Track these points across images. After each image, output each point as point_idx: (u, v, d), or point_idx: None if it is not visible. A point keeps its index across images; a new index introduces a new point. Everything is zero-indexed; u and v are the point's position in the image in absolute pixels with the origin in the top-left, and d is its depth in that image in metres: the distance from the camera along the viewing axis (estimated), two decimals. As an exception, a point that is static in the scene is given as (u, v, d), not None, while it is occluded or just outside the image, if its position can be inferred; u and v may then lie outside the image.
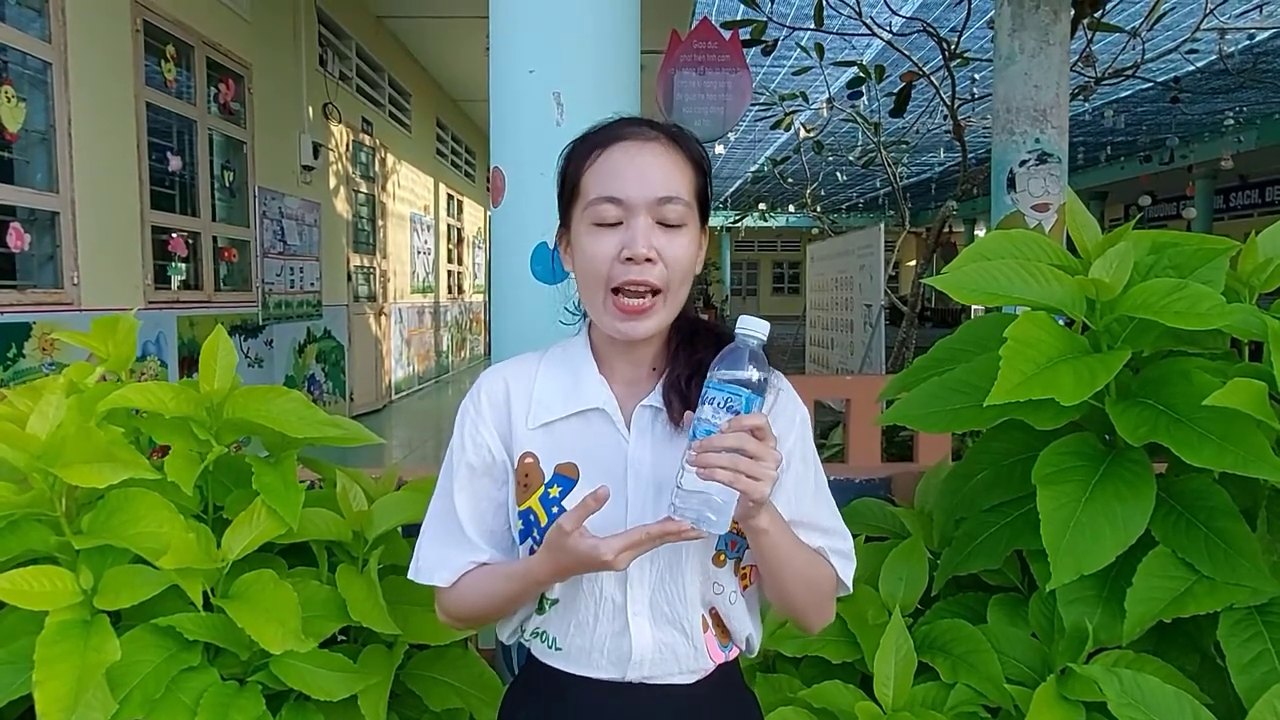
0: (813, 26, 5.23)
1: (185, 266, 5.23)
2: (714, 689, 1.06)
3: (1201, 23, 6.00)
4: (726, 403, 0.88)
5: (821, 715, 1.49)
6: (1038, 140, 3.17)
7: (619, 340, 1.03)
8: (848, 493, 1.99)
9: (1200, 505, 1.38)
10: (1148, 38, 5.75)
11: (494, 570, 1.05)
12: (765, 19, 5.17)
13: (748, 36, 5.09)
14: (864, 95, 7.88)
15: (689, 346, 1.06)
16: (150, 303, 4.70)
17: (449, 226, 12.00)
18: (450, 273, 12.08)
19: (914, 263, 14.95)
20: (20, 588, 1.19)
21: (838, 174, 16.56)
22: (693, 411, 0.93)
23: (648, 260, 0.97)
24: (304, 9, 6.72)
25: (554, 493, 1.01)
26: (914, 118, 7.94)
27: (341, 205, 7.66)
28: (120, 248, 4.49)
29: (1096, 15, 4.50)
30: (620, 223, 0.98)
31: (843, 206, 27.14)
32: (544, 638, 1.06)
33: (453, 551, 1.06)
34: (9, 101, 3.70)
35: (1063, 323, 1.42)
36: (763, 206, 22.07)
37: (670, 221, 0.99)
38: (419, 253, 10.23)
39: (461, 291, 12.78)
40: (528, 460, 1.03)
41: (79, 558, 1.27)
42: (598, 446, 1.02)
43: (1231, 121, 13.78)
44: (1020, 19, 3.15)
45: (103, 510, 1.29)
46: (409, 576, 1.09)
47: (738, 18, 5.25)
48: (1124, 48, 6.25)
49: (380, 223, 8.65)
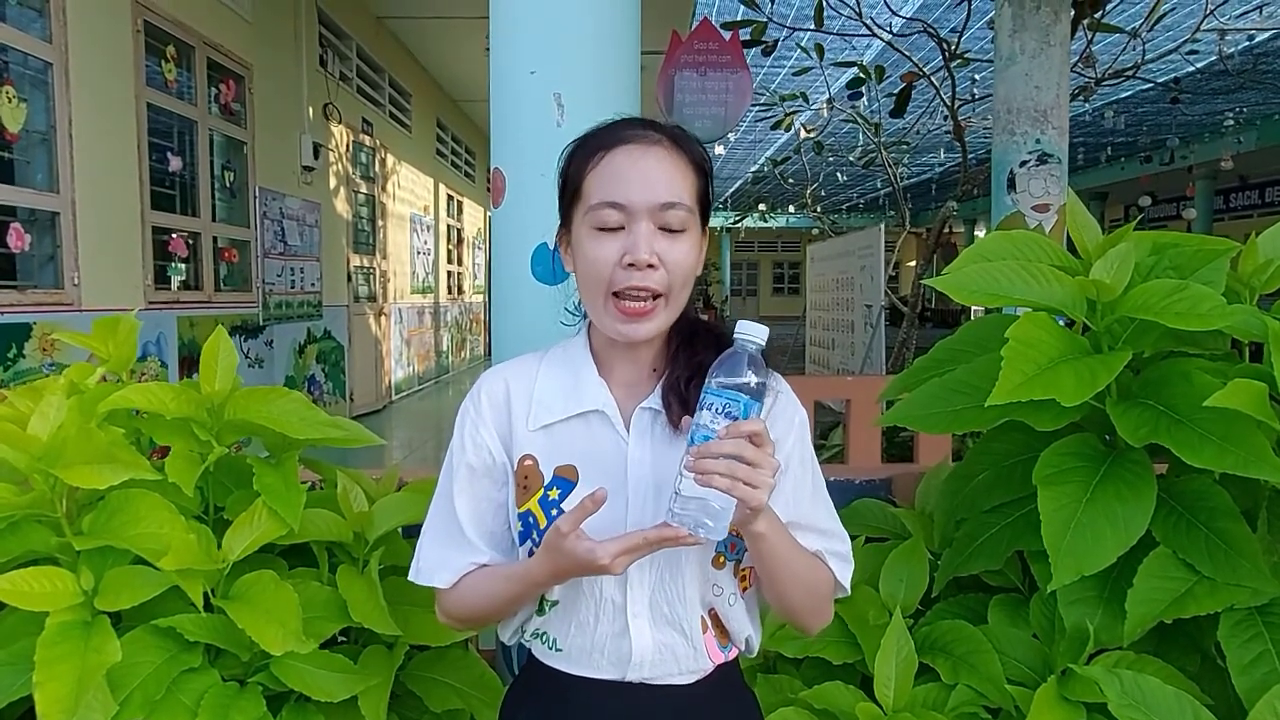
0: (813, 27, 5.24)
1: (185, 267, 5.23)
2: (714, 689, 1.06)
3: (1201, 23, 6.00)
4: (724, 408, 0.88)
5: (822, 716, 1.49)
6: (1038, 141, 3.17)
7: (619, 342, 1.02)
8: (848, 493, 1.99)
9: (1201, 506, 1.38)
10: (1148, 38, 5.75)
11: (494, 572, 1.05)
12: (765, 19, 5.17)
13: (748, 37, 5.09)
14: (864, 96, 7.87)
15: (689, 348, 1.05)
16: (150, 303, 4.70)
17: (449, 227, 12.01)
18: (450, 273, 12.08)
19: (914, 263, 14.93)
20: (21, 589, 1.19)
21: (838, 174, 16.56)
22: (691, 416, 0.93)
23: (650, 266, 0.97)
24: (305, 9, 6.72)
25: (553, 495, 1.01)
26: (914, 118, 7.95)
27: (342, 205, 7.66)
28: (121, 248, 4.49)
29: (1097, 16, 4.50)
30: (622, 227, 0.98)
31: (843, 207, 27.13)
32: (544, 639, 1.06)
33: (453, 553, 1.06)
34: (10, 102, 3.70)
35: (1063, 324, 1.42)
36: (763, 207, 22.05)
37: (672, 227, 0.98)
38: (419, 253, 10.23)
39: (461, 292, 12.78)
40: (527, 462, 1.03)
41: (80, 559, 1.27)
42: (597, 449, 1.02)
43: (1231, 122, 13.77)
44: (1021, 20, 3.15)
45: (103, 511, 1.29)
46: (409, 578, 1.09)
47: (738, 18, 5.25)
48: (1124, 48, 6.25)
49: (380, 223, 8.65)
